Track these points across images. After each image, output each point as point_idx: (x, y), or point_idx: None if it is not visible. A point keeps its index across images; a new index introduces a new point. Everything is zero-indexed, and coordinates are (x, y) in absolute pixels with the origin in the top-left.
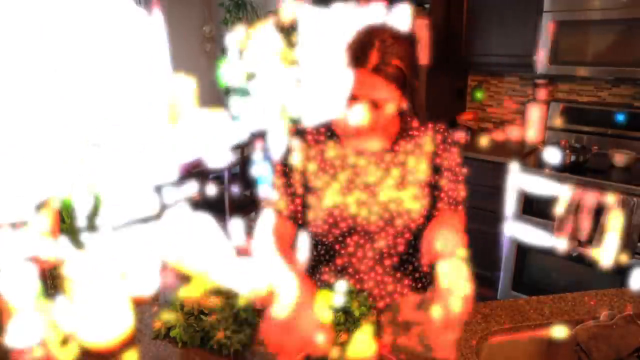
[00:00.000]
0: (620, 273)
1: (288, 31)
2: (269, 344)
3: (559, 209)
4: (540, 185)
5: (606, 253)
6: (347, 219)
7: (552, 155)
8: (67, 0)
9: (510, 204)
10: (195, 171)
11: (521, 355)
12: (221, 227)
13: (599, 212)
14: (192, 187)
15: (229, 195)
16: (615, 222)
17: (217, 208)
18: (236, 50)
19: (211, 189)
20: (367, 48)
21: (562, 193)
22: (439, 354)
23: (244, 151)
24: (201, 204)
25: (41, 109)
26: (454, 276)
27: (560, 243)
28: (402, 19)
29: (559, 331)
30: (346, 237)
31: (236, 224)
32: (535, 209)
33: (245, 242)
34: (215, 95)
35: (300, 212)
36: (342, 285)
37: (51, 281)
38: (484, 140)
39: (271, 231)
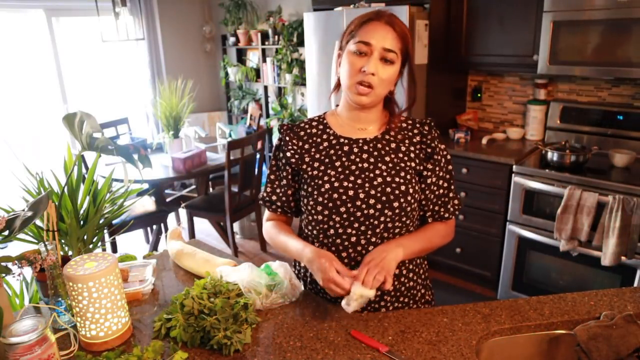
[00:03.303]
0: (620, 273)
1: (288, 31)
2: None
3: (559, 209)
4: (540, 186)
5: (606, 253)
6: (347, 202)
7: (552, 155)
8: None
9: (510, 204)
10: (196, 171)
11: (521, 355)
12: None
13: (599, 212)
14: (191, 187)
15: (229, 195)
16: (615, 222)
17: (217, 208)
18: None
19: (211, 189)
20: (379, 12)
21: (562, 193)
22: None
23: (244, 151)
24: (201, 204)
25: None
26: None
27: (560, 243)
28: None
29: (559, 331)
30: (347, 228)
31: (236, 223)
32: (535, 209)
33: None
34: (215, 95)
35: (292, 202)
36: None
37: (51, 281)
38: (484, 140)
39: (267, 220)
